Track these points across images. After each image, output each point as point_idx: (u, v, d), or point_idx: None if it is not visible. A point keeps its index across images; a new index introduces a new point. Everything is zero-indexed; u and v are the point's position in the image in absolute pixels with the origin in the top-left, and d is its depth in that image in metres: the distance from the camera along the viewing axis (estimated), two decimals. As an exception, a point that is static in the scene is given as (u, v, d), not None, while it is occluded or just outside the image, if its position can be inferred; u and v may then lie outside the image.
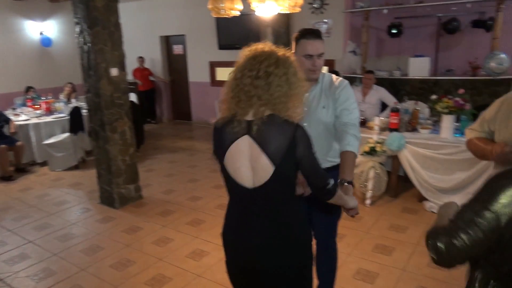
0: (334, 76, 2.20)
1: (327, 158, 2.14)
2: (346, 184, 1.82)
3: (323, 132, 2.11)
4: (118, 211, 4.35)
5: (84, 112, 5.87)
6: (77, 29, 4.16)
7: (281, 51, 1.50)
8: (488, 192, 1.12)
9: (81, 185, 5.28)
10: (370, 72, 5.29)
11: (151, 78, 8.98)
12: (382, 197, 4.37)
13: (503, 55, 5.08)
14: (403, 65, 6.30)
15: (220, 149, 1.51)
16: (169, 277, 3.05)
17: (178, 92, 9.36)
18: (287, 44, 5.64)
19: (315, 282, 2.32)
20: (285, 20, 6.86)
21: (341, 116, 2.08)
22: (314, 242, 2.18)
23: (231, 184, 1.54)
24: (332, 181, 1.53)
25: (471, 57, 5.73)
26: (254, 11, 4.09)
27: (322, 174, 1.53)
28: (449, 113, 3.91)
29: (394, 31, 6.24)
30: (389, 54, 7.10)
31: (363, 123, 4.64)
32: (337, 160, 2.09)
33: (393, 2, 5.99)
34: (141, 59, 8.74)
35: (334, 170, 2.05)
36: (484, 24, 5.82)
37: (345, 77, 6.71)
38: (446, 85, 5.66)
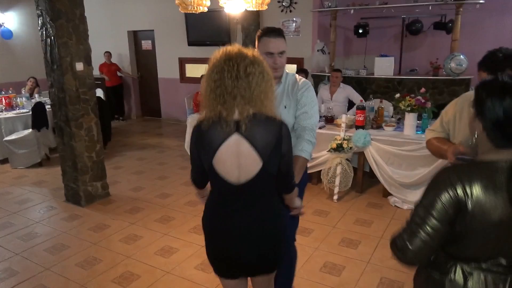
0: (297, 76, 2.23)
1: None
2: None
3: None
4: (84, 209, 4.25)
5: (48, 107, 5.68)
6: (40, 21, 4.02)
7: (250, 51, 1.55)
8: (432, 188, 1.21)
9: (45, 182, 5.11)
10: (338, 70, 5.41)
11: (119, 74, 8.79)
12: (349, 193, 4.50)
13: (462, 56, 5.33)
14: (369, 64, 6.48)
15: (208, 150, 1.55)
16: (137, 275, 3.03)
17: (147, 89, 9.20)
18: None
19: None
20: (255, 17, 6.89)
21: (300, 119, 2.11)
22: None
23: (218, 181, 1.60)
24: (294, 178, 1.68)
25: (433, 58, 5.97)
26: (223, 7, 4.11)
27: (292, 170, 1.68)
28: (412, 111, 4.07)
29: (360, 31, 6.41)
30: (356, 54, 7.28)
31: (331, 120, 4.75)
32: None
33: (359, 2, 6.15)
34: (108, 54, 8.53)
35: None
36: (444, 26, 6.09)
37: (314, 75, 6.85)
38: (410, 84, 5.86)
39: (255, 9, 3.94)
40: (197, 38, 7.71)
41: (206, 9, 4.00)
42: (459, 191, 1.14)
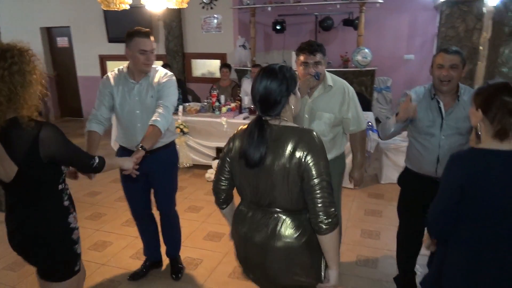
0: (161, 68, 2.59)
1: (160, 139, 2.50)
2: (140, 148, 2.23)
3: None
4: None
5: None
6: None
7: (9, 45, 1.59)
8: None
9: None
10: (257, 65, 5.74)
11: (33, 73, 8.29)
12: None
13: (366, 50, 5.97)
14: (288, 59, 6.92)
15: None
16: (71, 270, 3.05)
17: (65, 88, 8.80)
18: (179, 38, 5.98)
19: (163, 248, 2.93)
20: (177, 14, 6.98)
21: (158, 98, 2.46)
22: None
23: None
24: (96, 160, 1.82)
25: (344, 52, 6.58)
26: (144, 5, 4.18)
27: (84, 158, 1.80)
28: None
29: (278, 27, 6.83)
30: (276, 49, 7.71)
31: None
32: (164, 141, 2.57)
33: (275, 0, 6.55)
34: (19, 52, 8.00)
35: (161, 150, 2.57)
36: (352, 23, 6.73)
37: (237, 70, 7.10)
38: (324, 76, 6.40)
39: (176, 7, 4.07)
40: (118, 34, 7.54)
41: (128, 7, 4.05)
42: None
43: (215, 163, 4.75)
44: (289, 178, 1.47)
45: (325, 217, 1.44)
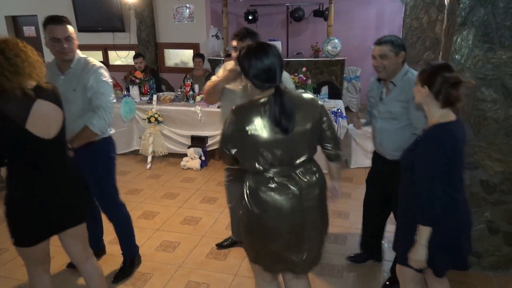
0: (91, 60, 2.42)
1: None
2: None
3: (76, 112, 2.32)
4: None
5: None
6: None
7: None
8: None
9: None
10: (229, 55, 5.81)
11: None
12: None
13: (336, 40, 6.15)
14: (260, 49, 7.03)
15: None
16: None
17: (33, 78, 8.58)
18: (151, 28, 6.06)
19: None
20: (148, 3, 6.95)
21: (93, 99, 2.31)
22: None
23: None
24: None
25: (314, 42, 6.75)
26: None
27: None
28: (296, 88, 4.67)
29: (250, 17, 6.92)
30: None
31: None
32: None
33: (247, -10, 6.63)
34: (-17, 42, 7.74)
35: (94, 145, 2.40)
36: (322, 14, 6.90)
37: (210, 60, 7.15)
38: (296, 66, 6.55)
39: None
40: (87, 24, 7.43)
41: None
42: None
43: (190, 151, 4.83)
44: (313, 130, 1.76)
45: (340, 147, 1.94)
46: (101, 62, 2.57)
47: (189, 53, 7.23)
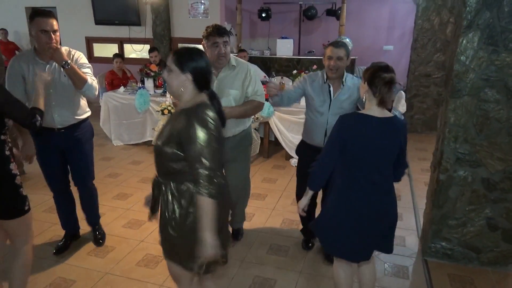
0: (72, 50, 2.72)
1: (74, 116, 2.75)
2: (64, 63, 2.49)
3: (73, 90, 2.69)
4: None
5: None
6: None
7: None
8: None
9: None
10: (243, 50, 5.95)
11: (18, 53, 8.28)
12: (257, 158, 5.12)
13: (347, 39, 6.23)
14: (272, 46, 7.16)
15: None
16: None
17: (50, 69, 8.80)
18: (166, 22, 6.23)
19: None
20: (164, -2, 7.08)
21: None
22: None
23: None
24: (38, 118, 2.10)
25: (326, 41, 6.84)
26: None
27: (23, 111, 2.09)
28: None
29: (263, 14, 7.03)
30: (261, 36, 7.92)
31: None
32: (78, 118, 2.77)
33: (262, -12, 6.73)
34: (3, 32, 7.98)
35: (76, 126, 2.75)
36: (334, 13, 6.99)
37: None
38: (307, 64, 6.66)
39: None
40: (104, 17, 7.62)
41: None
42: None
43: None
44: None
45: None
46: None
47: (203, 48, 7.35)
